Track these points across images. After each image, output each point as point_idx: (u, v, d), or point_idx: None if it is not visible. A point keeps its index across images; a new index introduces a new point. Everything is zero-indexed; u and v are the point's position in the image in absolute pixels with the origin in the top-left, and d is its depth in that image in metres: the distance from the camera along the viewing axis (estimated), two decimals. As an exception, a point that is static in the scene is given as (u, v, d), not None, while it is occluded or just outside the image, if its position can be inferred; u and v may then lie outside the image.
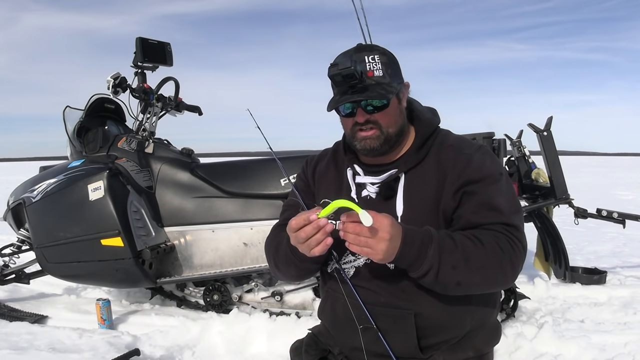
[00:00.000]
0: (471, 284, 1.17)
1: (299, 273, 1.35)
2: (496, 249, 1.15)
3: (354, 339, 1.27)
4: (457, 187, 1.22)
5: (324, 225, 1.11)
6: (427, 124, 1.33)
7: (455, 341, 1.28)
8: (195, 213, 2.89)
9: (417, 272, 1.14)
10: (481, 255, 1.14)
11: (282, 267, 1.35)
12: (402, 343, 1.24)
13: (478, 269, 1.15)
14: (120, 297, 3.28)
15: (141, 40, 2.93)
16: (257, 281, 2.93)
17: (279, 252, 1.34)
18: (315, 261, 1.28)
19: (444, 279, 1.14)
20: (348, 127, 1.29)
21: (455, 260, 1.13)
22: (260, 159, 3.08)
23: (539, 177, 3.19)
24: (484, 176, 1.23)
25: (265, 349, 2.40)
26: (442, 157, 1.27)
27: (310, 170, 1.46)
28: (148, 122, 3.05)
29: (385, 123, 1.25)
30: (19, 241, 3.26)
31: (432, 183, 1.25)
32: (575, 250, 4.41)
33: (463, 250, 1.14)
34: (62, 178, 2.85)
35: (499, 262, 1.15)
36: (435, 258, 1.12)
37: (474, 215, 1.19)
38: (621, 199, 9.38)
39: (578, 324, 2.65)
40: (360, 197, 1.32)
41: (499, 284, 1.22)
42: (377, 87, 1.22)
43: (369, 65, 1.22)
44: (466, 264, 1.13)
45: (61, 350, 2.26)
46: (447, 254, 1.13)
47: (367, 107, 1.23)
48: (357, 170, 1.34)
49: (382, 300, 1.26)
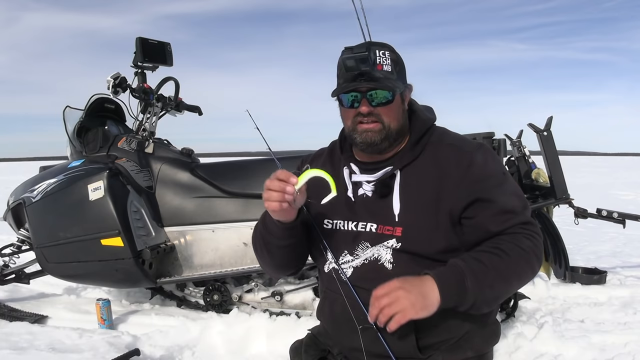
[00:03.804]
0: (508, 292, 1.26)
1: (267, 249, 1.37)
2: (520, 252, 1.19)
3: (353, 339, 1.27)
4: (466, 190, 1.22)
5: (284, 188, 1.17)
6: (422, 121, 1.33)
7: (454, 341, 1.28)
8: (195, 213, 2.89)
9: (463, 307, 1.17)
10: (510, 265, 1.18)
11: (256, 242, 1.41)
12: (400, 343, 1.24)
13: (511, 279, 1.20)
14: (120, 297, 3.28)
15: (141, 40, 2.93)
16: (257, 281, 2.92)
17: (256, 228, 1.41)
18: (277, 235, 1.30)
19: (487, 301, 1.19)
20: (349, 118, 1.28)
21: (491, 281, 1.16)
22: (260, 159, 3.08)
23: (539, 177, 3.19)
24: (489, 176, 1.24)
25: (265, 349, 2.40)
26: (440, 155, 1.27)
27: (305, 168, 1.46)
28: (148, 122, 3.05)
29: (387, 118, 1.25)
30: (19, 241, 3.26)
31: (429, 180, 1.25)
32: (575, 250, 4.41)
33: (494, 268, 1.17)
34: (62, 178, 2.85)
35: (526, 263, 1.20)
36: (476, 288, 1.14)
37: (493, 224, 1.22)
38: (621, 199, 9.38)
39: (578, 324, 2.64)
40: (357, 195, 1.32)
41: (529, 278, 1.26)
42: (385, 81, 1.23)
43: (379, 59, 1.23)
44: (501, 280, 1.18)
45: (61, 350, 2.26)
46: (482, 279, 1.15)
47: (372, 100, 1.23)
48: (353, 168, 1.34)
49: None
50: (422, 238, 1.24)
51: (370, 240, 1.29)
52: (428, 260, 1.24)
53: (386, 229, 1.27)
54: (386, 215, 1.27)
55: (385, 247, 1.27)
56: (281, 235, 1.30)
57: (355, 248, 1.30)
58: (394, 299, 1.09)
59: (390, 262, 1.26)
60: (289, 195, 1.18)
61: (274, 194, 1.18)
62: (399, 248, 1.25)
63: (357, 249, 1.30)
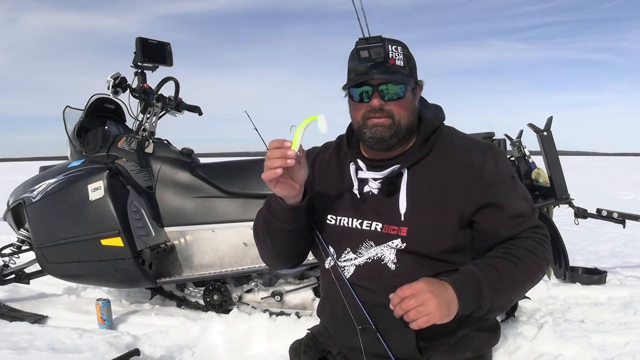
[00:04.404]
0: (521, 295, 1.28)
1: (270, 236, 1.34)
2: (532, 257, 1.21)
3: (353, 339, 1.27)
4: (476, 193, 1.22)
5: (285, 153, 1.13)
6: (430, 120, 1.32)
7: (453, 342, 1.28)
8: (195, 213, 2.89)
9: (480, 313, 1.18)
10: (524, 271, 1.20)
11: (258, 230, 1.38)
12: (400, 343, 1.24)
13: (525, 283, 1.22)
14: (120, 297, 3.28)
15: (141, 40, 2.93)
16: (257, 281, 2.92)
17: (258, 216, 1.39)
18: (282, 219, 1.27)
19: (502, 306, 1.21)
20: (360, 113, 1.26)
21: (506, 287, 1.18)
22: (260, 159, 3.08)
23: (539, 177, 3.19)
24: (499, 180, 1.24)
25: (265, 349, 2.40)
26: (449, 155, 1.26)
27: (310, 161, 1.42)
28: (148, 122, 3.05)
29: (398, 114, 1.23)
30: (19, 241, 3.25)
31: (438, 181, 1.24)
32: (575, 250, 4.41)
33: (508, 274, 1.18)
34: (62, 178, 2.85)
35: (538, 267, 1.22)
36: (492, 295, 1.16)
37: (505, 230, 1.23)
38: (621, 199, 9.37)
39: (578, 324, 2.64)
40: (363, 192, 1.31)
41: (540, 280, 1.28)
42: (398, 75, 1.22)
43: (392, 53, 1.22)
44: (515, 286, 1.21)
45: (61, 350, 2.26)
46: (498, 285, 1.17)
47: (383, 95, 1.22)
48: (360, 165, 1.32)
49: (382, 300, 1.24)
50: (427, 238, 1.23)
51: (375, 240, 1.28)
52: (432, 261, 1.24)
53: (391, 228, 1.26)
54: (392, 215, 1.26)
55: (389, 247, 1.26)
56: (286, 218, 1.27)
57: (358, 246, 1.29)
58: (422, 302, 1.09)
59: (393, 262, 1.25)
60: (290, 159, 1.13)
61: (276, 160, 1.13)
62: (403, 248, 1.24)
63: (361, 248, 1.29)
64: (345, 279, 1.27)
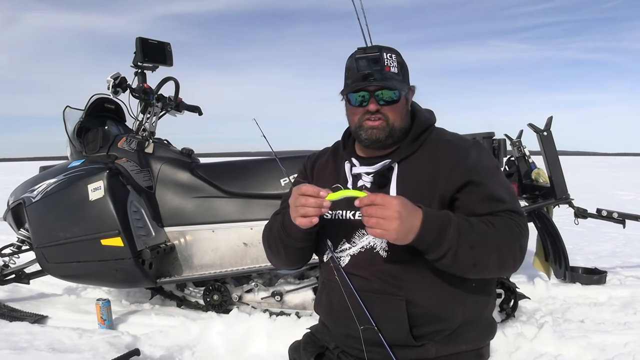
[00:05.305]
0: (486, 265, 1.22)
1: (285, 251, 1.41)
2: (507, 232, 1.21)
3: (349, 327, 1.30)
4: (458, 176, 1.27)
5: (321, 203, 1.21)
6: (422, 121, 1.40)
7: (447, 333, 1.30)
8: (195, 213, 2.89)
9: (436, 254, 1.18)
10: (496, 236, 1.20)
11: (272, 244, 1.44)
12: (394, 330, 1.27)
13: (493, 250, 1.20)
14: (120, 297, 3.28)
15: (141, 40, 2.93)
16: (257, 281, 2.93)
17: (272, 230, 1.44)
18: (298, 239, 1.35)
19: (462, 260, 1.18)
20: (356, 116, 1.35)
21: (472, 241, 1.18)
22: (260, 159, 3.08)
23: (539, 177, 3.19)
24: (482, 167, 1.30)
25: (265, 349, 2.40)
26: (437, 149, 1.34)
27: (309, 165, 1.53)
28: (148, 122, 3.05)
29: (392, 117, 1.33)
30: (19, 241, 3.26)
31: (426, 172, 1.31)
32: (575, 250, 4.41)
33: (479, 232, 1.19)
34: (62, 178, 2.85)
35: (511, 243, 1.22)
36: (455, 239, 1.16)
37: (480, 207, 1.25)
38: (621, 199, 9.37)
39: (578, 324, 2.65)
40: (357, 187, 1.37)
41: (509, 266, 1.26)
42: (392, 81, 1.31)
43: (387, 61, 1.32)
44: (482, 245, 1.19)
45: (61, 350, 2.26)
46: (465, 235, 1.17)
47: (379, 99, 1.31)
48: (354, 162, 1.41)
49: (375, 287, 1.29)
50: None
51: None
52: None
53: None
54: None
55: None
56: (302, 238, 1.35)
57: (352, 236, 1.35)
58: (386, 217, 1.12)
59: (385, 250, 1.30)
60: (325, 209, 1.22)
61: (310, 209, 1.22)
62: None
63: (355, 237, 1.35)
64: (341, 268, 1.33)
